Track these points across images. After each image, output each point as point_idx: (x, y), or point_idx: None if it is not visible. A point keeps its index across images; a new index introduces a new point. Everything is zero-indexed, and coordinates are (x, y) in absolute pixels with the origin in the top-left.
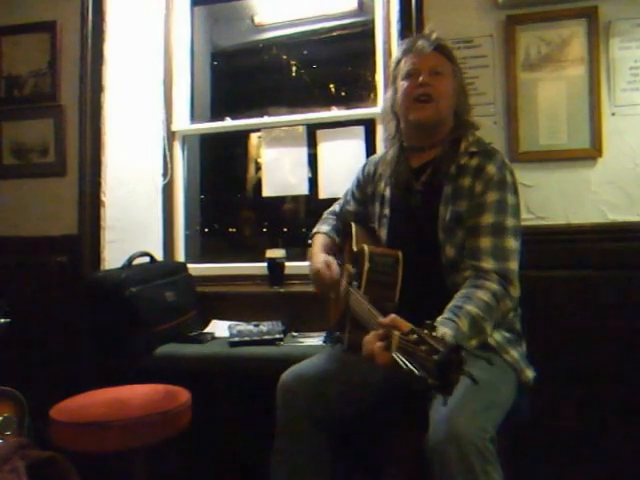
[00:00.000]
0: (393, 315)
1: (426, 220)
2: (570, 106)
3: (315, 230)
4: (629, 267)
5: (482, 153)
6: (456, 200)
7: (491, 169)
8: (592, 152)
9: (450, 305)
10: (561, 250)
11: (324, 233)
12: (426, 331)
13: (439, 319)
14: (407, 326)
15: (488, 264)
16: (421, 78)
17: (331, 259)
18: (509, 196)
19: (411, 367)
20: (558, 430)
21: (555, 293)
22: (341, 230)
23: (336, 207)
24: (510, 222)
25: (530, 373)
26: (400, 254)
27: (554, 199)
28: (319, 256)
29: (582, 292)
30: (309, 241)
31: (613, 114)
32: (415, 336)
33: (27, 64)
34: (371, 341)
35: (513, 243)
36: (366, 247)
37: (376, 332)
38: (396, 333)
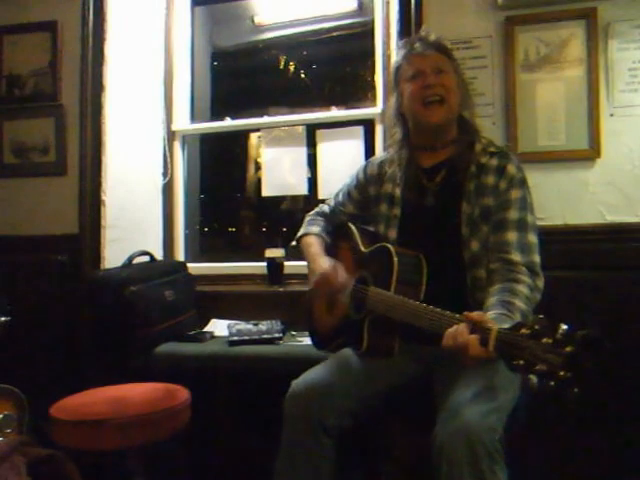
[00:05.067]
0: (479, 312)
1: (445, 218)
2: (569, 107)
3: (303, 232)
4: (627, 268)
5: (500, 154)
6: (480, 197)
7: (512, 169)
8: (590, 153)
9: (496, 299)
10: (559, 251)
11: (316, 234)
12: (537, 326)
13: (492, 314)
14: (491, 321)
15: (517, 257)
16: (428, 80)
17: (338, 263)
18: (528, 194)
19: (524, 362)
20: (558, 431)
21: (553, 294)
22: (332, 232)
23: (325, 208)
24: (530, 218)
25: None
26: (421, 255)
27: (552, 200)
28: (323, 259)
29: (580, 293)
30: (294, 242)
31: (611, 115)
32: (527, 330)
33: (28, 63)
34: (462, 333)
35: (534, 238)
36: (391, 246)
37: (465, 325)
38: (494, 328)
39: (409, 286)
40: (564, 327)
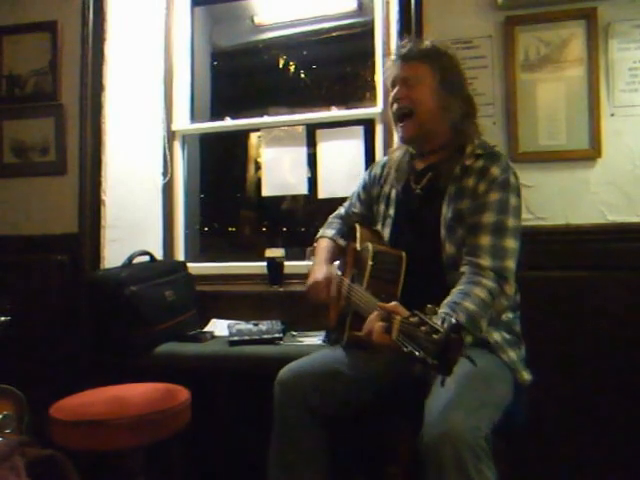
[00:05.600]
0: (396, 302)
1: (428, 220)
2: (569, 107)
3: (320, 234)
4: (628, 268)
5: (487, 155)
6: (458, 199)
7: (495, 170)
8: (591, 153)
9: (447, 300)
10: (560, 251)
11: (329, 237)
12: (427, 314)
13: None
14: (404, 311)
15: (485, 261)
16: (396, 92)
17: (334, 274)
18: (512, 197)
19: (411, 349)
20: (556, 431)
21: (554, 294)
22: (346, 233)
23: (342, 210)
24: (511, 222)
25: (527, 375)
26: (403, 254)
27: (553, 200)
28: (322, 268)
29: (581, 293)
30: (314, 245)
31: (612, 115)
32: (416, 318)
33: (28, 63)
34: (372, 320)
35: (512, 243)
36: (370, 245)
37: (378, 312)
38: (397, 317)
39: (383, 283)
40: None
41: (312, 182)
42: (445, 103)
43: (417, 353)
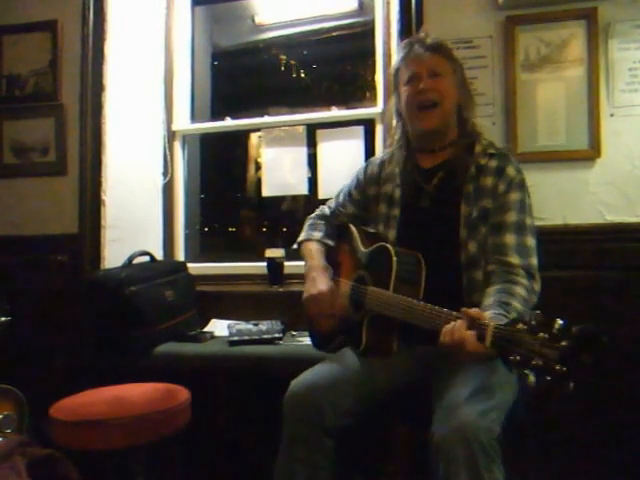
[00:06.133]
0: (476, 309)
1: (443, 220)
2: (569, 107)
3: (305, 236)
4: (626, 268)
5: (499, 155)
6: (479, 198)
7: (511, 170)
8: (590, 153)
9: (493, 300)
10: (558, 251)
11: (317, 240)
12: (533, 322)
13: (490, 314)
14: (489, 317)
15: (514, 259)
16: (422, 84)
17: (336, 288)
18: (527, 197)
19: (518, 356)
20: (556, 432)
21: (552, 294)
22: (334, 233)
23: (325, 210)
24: (529, 221)
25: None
26: (419, 254)
27: (552, 200)
28: (322, 279)
29: (579, 293)
30: (295, 246)
31: (612, 115)
32: (523, 325)
33: (28, 63)
34: (459, 329)
35: (532, 241)
36: (389, 246)
37: (462, 321)
38: (491, 324)
39: (408, 285)
40: (560, 322)
41: (312, 182)
42: (460, 101)
43: (537, 361)
